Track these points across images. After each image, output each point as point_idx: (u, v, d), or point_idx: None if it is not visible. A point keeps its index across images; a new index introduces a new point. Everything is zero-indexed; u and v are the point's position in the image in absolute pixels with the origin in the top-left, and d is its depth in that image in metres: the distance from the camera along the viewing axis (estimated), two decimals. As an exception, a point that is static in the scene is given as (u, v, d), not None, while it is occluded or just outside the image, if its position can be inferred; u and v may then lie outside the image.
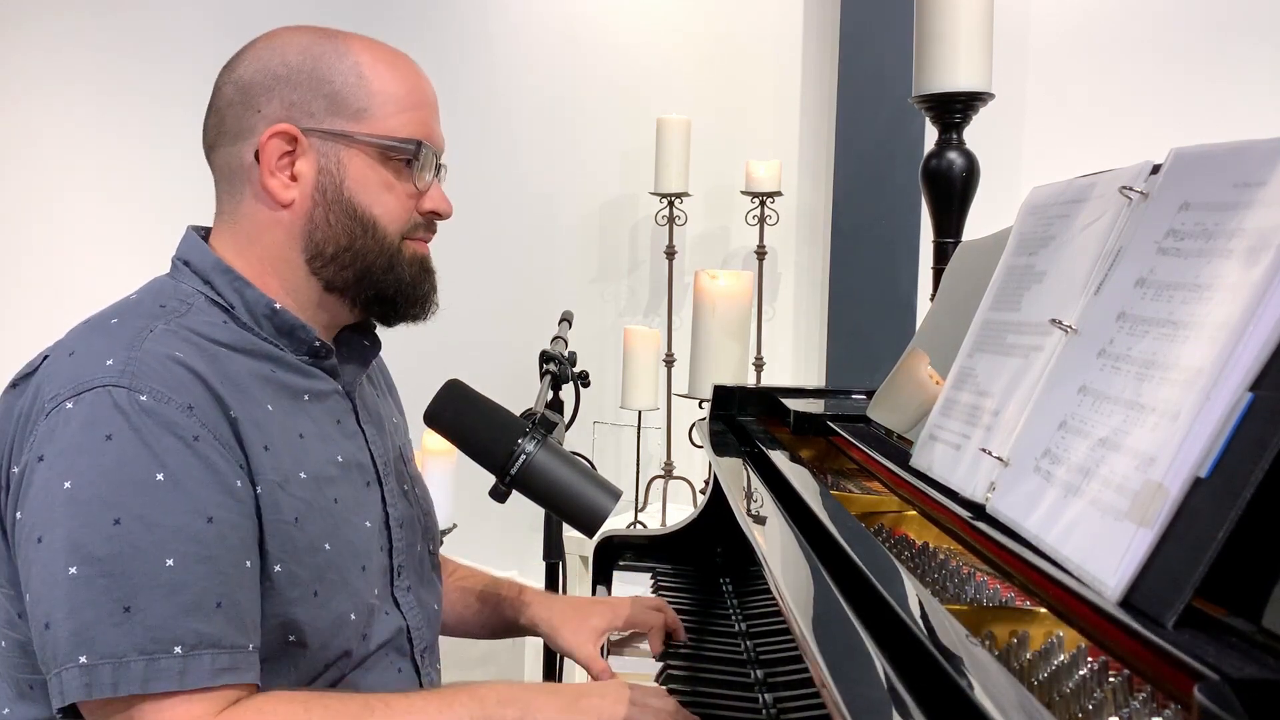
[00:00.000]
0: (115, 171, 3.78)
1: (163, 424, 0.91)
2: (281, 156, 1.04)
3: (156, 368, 0.93)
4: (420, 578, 1.18)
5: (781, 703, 1.16)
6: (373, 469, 1.13)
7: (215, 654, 0.89)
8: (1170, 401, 0.71)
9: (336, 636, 1.02)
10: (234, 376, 0.99)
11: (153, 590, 0.87)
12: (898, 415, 1.30)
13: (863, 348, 2.99)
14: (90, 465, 0.89)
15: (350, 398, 1.14)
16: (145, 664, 0.86)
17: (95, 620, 0.86)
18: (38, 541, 0.89)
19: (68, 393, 0.91)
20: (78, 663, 0.86)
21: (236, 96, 1.06)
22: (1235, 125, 1.67)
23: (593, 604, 1.39)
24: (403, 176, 1.08)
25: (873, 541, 0.95)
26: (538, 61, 3.37)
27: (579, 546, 2.68)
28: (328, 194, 1.05)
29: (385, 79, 1.06)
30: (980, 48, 1.71)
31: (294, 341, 1.08)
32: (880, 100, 2.93)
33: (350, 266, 1.07)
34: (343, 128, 1.05)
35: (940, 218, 1.81)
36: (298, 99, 1.04)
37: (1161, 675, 0.62)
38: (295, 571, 0.98)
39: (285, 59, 1.05)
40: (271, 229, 1.06)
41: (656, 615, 1.37)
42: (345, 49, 1.06)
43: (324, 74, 1.05)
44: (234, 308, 1.05)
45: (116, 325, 0.98)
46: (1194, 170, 0.82)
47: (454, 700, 0.97)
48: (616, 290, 3.37)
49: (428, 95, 1.11)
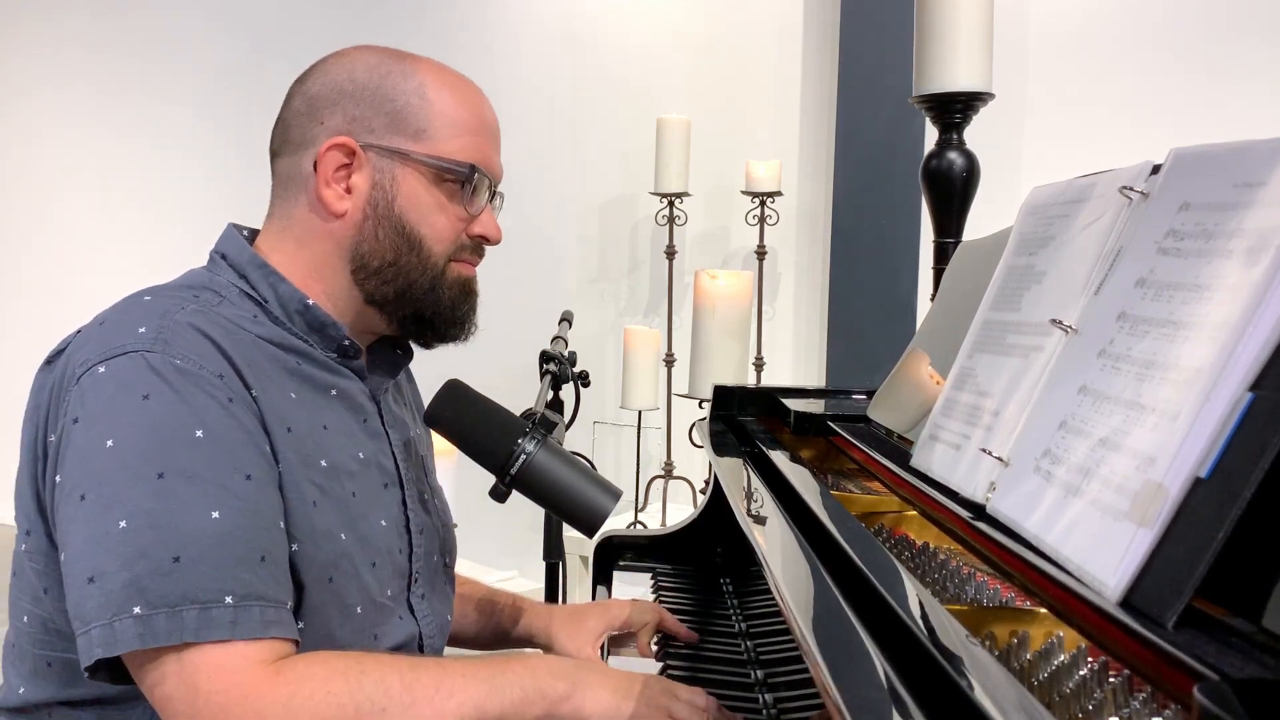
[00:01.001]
0: (114, 172, 3.78)
1: (199, 385, 0.93)
2: (339, 169, 1.07)
3: (189, 337, 0.95)
4: (434, 587, 1.19)
5: (781, 703, 1.16)
6: (394, 471, 1.14)
7: (264, 606, 0.90)
8: (1170, 401, 0.71)
9: (341, 628, 1.03)
10: (259, 363, 1.01)
11: (201, 542, 0.89)
12: (898, 415, 1.30)
13: (863, 348, 2.99)
14: (130, 423, 0.91)
15: (375, 400, 1.15)
16: (199, 612, 0.87)
17: (147, 571, 0.87)
18: (80, 499, 0.90)
19: (98, 357, 0.93)
20: (131, 613, 0.86)
21: (303, 107, 1.09)
22: (1235, 125, 1.67)
23: (588, 608, 1.39)
24: (455, 199, 1.10)
25: (873, 541, 0.95)
26: (538, 61, 3.37)
27: (579, 546, 2.69)
28: (379, 209, 1.07)
29: (448, 102, 1.08)
30: (980, 48, 1.71)
31: (324, 338, 1.09)
32: (880, 100, 2.93)
33: (392, 282, 1.09)
34: (401, 145, 1.07)
35: (940, 218, 1.81)
36: (360, 114, 1.07)
37: (1161, 675, 0.62)
38: (312, 554, 0.99)
39: (353, 75, 1.08)
40: (322, 238, 1.09)
41: (651, 614, 1.37)
42: (412, 70, 1.09)
43: (388, 92, 1.07)
44: (267, 302, 1.07)
45: (150, 301, 1.00)
46: (1194, 170, 0.82)
47: (506, 668, 0.97)
48: (616, 290, 3.38)
49: (489, 123, 1.13)
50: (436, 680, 0.93)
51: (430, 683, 0.92)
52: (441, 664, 0.96)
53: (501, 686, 0.95)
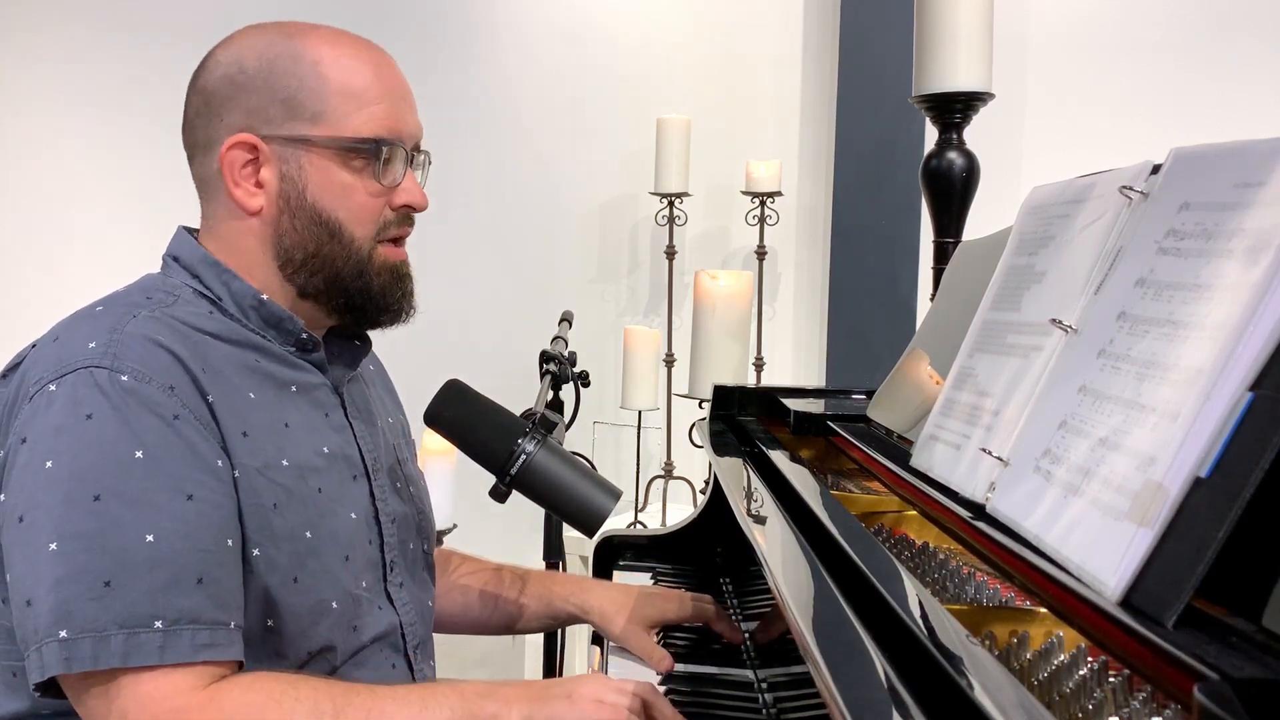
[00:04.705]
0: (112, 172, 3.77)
1: (143, 403, 0.92)
2: (245, 165, 1.05)
3: (138, 349, 0.94)
4: (412, 575, 1.19)
5: (781, 703, 1.16)
6: (360, 463, 1.13)
7: (195, 630, 0.89)
8: (1170, 401, 0.71)
9: (317, 624, 1.02)
10: (215, 364, 1.00)
11: (133, 566, 0.88)
12: (898, 415, 1.30)
13: (863, 348, 2.99)
14: (71, 443, 0.90)
15: (338, 392, 1.14)
16: (125, 637, 0.87)
17: (75, 595, 0.87)
18: (19, 521, 0.90)
19: (50, 375, 0.93)
20: (58, 637, 0.86)
21: (201, 106, 1.07)
22: (1235, 125, 1.67)
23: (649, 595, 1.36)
24: (367, 176, 1.06)
25: (873, 541, 0.95)
26: (538, 61, 3.37)
27: (579, 546, 2.68)
28: (291, 201, 1.06)
29: (344, 77, 1.05)
30: (980, 48, 1.71)
31: (281, 333, 1.08)
32: (880, 100, 2.93)
33: (320, 273, 1.07)
34: (301, 132, 1.04)
35: (940, 218, 1.81)
36: (255, 105, 1.04)
37: (1161, 675, 0.62)
38: (273, 556, 0.98)
39: (243, 65, 1.05)
40: (244, 236, 1.07)
41: (710, 607, 1.35)
42: (302, 49, 1.05)
43: (279, 78, 1.04)
44: (221, 300, 1.06)
45: (101, 312, 1.00)
46: (1194, 170, 0.82)
47: (437, 691, 0.97)
48: (616, 290, 3.37)
49: (392, 88, 1.08)
50: (368, 705, 0.93)
51: (362, 707, 0.92)
52: (373, 689, 0.96)
53: (432, 708, 0.94)
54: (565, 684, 0.98)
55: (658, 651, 1.28)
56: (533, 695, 0.97)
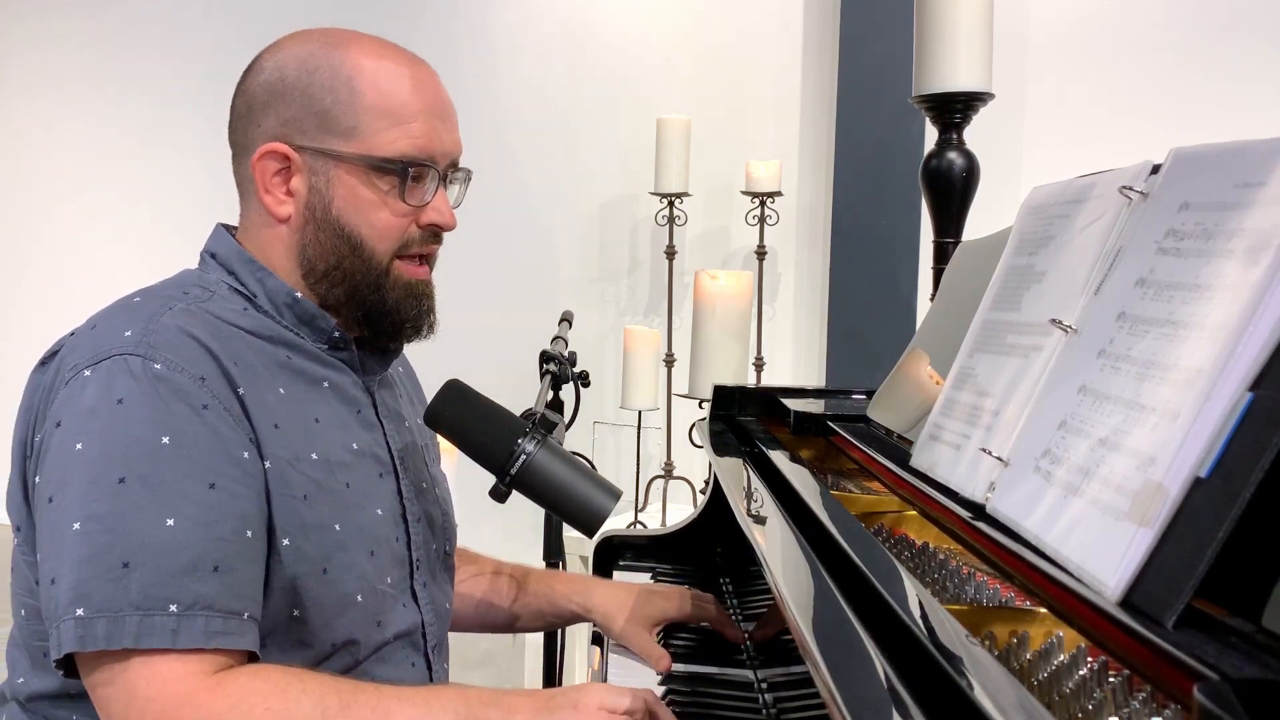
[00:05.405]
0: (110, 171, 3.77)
1: (174, 391, 0.94)
2: (276, 173, 1.07)
3: (172, 340, 0.96)
4: (434, 576, 1.20)
5: (781, 703, 1.16)
6: (389, 461, 1.14)
7: (209, 616, 0.90)
8: (1170, 401, 0.71)
9: (342, 617, 1.03)
10: (247, 358, 1.02)
11: (152, 549, 0.89)
12: (898, 415, 1.30)
13: (863, 348, 2.99)
14: (101, 427, 0.92)
15: (369, 390, 1.16)
16: (140, 619, 0.88)
17: (94, 575, 0.88)
18: (49, 501, 0.92)
19: (86, 361, 0.95)
20: (74, 615, 0.88)
21: (243, 109, 1.09)
22: (1235, 125, 1.67)
23: (649, 593, 1.37)
24: (393, 195, 1.07)
25: (873, 541, 0.95)
26: (538, 61, 3.37)
27: (579, 546, 2.68)
28: (317, 212, 1.07)
29: (379, 93, 1.05)
30: (980, 48, 1.71)
31: (314, 330, 1.10)
32: (880, 100, 2.93)
33: (340, 285, 1.09)
34: (332, 146, 1.05)
35: (940, 218, 1.81)
36: (291, 115, 1.05)
37: (1161, 675, 0.62)
38: (303, 547, 1.00)
39: (284, 73, 1.06)
40: (273, 242, 1.09)
41: (710, 606, 1.35)
42: (342, 61, 1.05)
43: (316, 90, 1.05)
44: (256, 296, 1.08)
45: (139, 303, 1.02)
46: (1194, 170, 0.82)
47: (442, 694, 0.98)
48: (616, 290, 3.38)
49: (430, 105, 1.08)
50: (374, 703, 0.93)
51: (367, 704, 0.93)
52: (379, 688, 0.97)
53: (436, 710, 0.94)
54: (570, 693, 0.98)
55: (657, 651, 1.29)
56: (538, 705, 0.97)
